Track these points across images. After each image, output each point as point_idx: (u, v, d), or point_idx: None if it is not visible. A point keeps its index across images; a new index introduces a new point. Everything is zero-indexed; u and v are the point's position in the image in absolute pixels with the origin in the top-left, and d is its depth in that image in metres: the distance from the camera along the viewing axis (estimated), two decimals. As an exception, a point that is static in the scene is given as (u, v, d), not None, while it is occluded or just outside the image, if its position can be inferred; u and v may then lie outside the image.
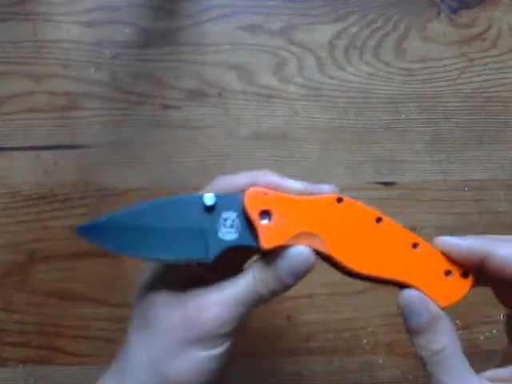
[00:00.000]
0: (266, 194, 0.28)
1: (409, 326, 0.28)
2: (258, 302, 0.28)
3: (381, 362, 0.44)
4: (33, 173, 0.46)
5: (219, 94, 0.48)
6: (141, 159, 0.47)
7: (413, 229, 0.46)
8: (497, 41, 0.49)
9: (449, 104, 0.48)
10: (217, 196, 0.28)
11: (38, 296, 0.44)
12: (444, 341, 0.27)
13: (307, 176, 0.47)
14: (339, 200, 0.28)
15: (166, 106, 0.48)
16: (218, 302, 0.28)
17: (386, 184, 0.47)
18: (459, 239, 0.28)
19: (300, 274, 0.28)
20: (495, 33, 0.50)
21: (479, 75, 0.49)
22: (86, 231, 0.28)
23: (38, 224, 0.45)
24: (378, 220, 0.28)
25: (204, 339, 0.28)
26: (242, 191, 0.29)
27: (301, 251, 0.28)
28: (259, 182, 0.29)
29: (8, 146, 0.47)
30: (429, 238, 0.28)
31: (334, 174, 0.47)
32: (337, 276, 0.45)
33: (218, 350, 0.28)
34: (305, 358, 0.44)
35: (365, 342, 0.45)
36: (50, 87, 0.47)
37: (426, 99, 0.48)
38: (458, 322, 0.45)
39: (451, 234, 0.28)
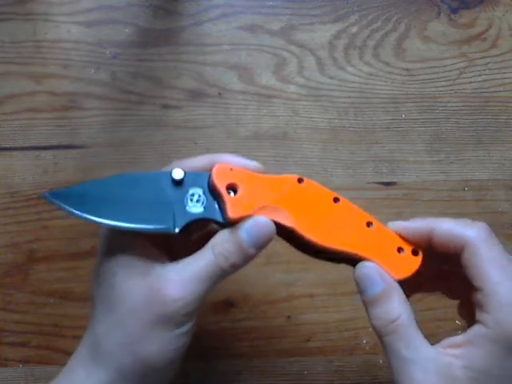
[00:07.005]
0: (232, 169, 0.30)
1: (365, 298, 0.29)
2: (219, 277, 0.29)
3: (381, 362, 0.44)
4: (33, 173, 0.46)
5: (219, 93, 0.48)
6: (141, 159, 0.47)
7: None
8: (497, 41, 0.49)
9: (449, 104, 0.48)
10: (185, 172, 0.30)
11: (38, 296, 0.44)
12: (399, 309, 0.28)
13: (307, 176, 0.47)
14: (300, 180, 0.31)
15: (166, 106, 0.48)
16: (181, 281, 0.28)
17: (386, 184, 0.47)
18: (408, 222, 0.30)
19: (260, 243, 0.29)
20: (495, 33, 0.50)
21: (479, 75, 0.49)
22: (56, 197, 0.29)
23: (37, 224, 0.45)
24: (336, 200, 0.31)
25: (169, 320, 0.28)
26: (206, 171, 0.30)
27: (261, 220, 0.29)
28: (217, 161, 0.30)
29: (8, 146, 0.47)
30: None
31: (334, 174, 0.47)
32: (337, 276, 0.46)
33: (184, 328, 0.28)
34: (305, 357, 0.44)
35: (365, 342, 0.45)
36: (50, 87, 0.47)
37: (426, 99, 0.48)
38: (457, 322, 0.45)
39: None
